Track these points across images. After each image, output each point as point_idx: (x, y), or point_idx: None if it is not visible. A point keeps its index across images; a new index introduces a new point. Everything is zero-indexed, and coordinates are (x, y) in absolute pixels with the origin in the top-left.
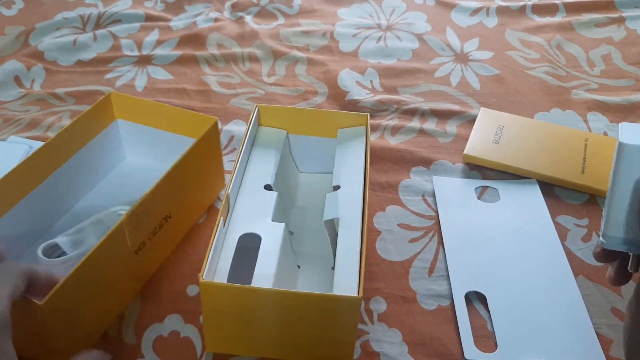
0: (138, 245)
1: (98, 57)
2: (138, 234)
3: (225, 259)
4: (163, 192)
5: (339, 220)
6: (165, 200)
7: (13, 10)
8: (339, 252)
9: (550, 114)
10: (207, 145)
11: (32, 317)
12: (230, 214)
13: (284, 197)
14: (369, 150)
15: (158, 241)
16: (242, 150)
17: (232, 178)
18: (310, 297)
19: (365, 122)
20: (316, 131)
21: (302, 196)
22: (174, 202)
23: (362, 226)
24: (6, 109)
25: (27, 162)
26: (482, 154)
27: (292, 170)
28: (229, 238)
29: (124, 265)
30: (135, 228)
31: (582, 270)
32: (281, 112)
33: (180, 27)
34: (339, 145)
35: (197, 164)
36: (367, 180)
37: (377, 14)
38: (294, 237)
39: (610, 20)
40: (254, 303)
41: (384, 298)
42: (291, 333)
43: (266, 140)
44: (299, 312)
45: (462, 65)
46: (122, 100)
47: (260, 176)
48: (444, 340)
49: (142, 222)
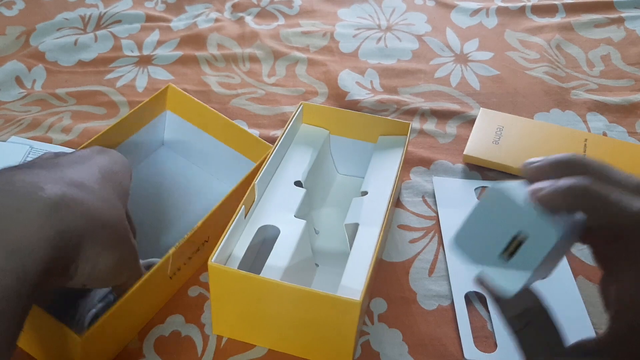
0: (174, 271)
1: (99, 57)
2: (178, 261)
3: (241, 246)
4: (211, 221)
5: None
6: (208, 228)
7: (13, 11)
8: (351, 254)
9: (549, 114)
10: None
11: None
12: (255, 205)
13: (316, 195)
14: (402, 160)
15: (192, 265)
16: (278, 144)
17: (261, 170)
18: (311, 294)
19: (406, 131)
20: (357, 134)
21: (336, 197)
22: (216, 227)
23: (380, 234)
24: (7, 109)
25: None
26: (482, 154)
27: (329, 171)
28: (249, 228)
29: (158, 290)
30: (177, 258)
31: (581, 271)
32: (324, 111)
33: (180, 27)
34: (376, 152)
35: (245, 189)
36: (395, 191)
37: (377, 14)
38: (319, 236)
39: (610, 21)
40: (257, 292)
41: (384, 298)
42: (292, 327)
43: (306, 138)
44: (300, 307)
45: (462, 66)
46: (176, 94)
47: (292, 172)
48: (444, 340)
49: (185, 251)
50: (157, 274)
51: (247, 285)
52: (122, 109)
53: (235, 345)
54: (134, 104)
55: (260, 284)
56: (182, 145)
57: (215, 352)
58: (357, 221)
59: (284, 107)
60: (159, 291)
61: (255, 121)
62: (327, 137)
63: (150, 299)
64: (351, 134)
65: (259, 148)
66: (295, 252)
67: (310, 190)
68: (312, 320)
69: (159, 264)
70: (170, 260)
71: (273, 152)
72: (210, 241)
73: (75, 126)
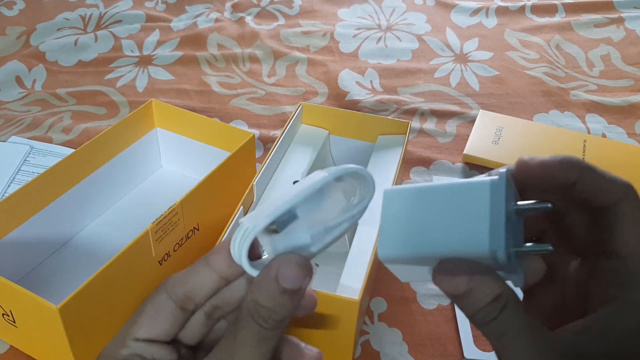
0: (162, 255)
1: (99, 57)
2: (163, 244)
3: None
4: (193, 204)
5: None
6: (195, 212)
7: (14, 11)
8: (351, 253)
9: (549, 115)
10: (242, 159)
11: (48, 321)
12: (254, 205)
13: None
14: (402, 159)
15: (183, 253)
16: (277, 145)
17: (260, 170)
18: None
19: (405, 130)
20: (357, 134)
21: None
22: (203, 214)
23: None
24: (7, 109)
25: (61, 164)
26: (481, 154)
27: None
28: None
29: (146, 275)
30: (161, 237)
31: None
32: (324, 111)
33: (180, 27)
34: (375, 152)
35: (230, 177)
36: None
37: (377, 14)
38: None
39: (610, 21)
40: None
41: (384, 298)
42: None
43: (305, 138)
44: None
45: (461, 66)
46: (162, 108)
47: (292, 172)
48: (444, 339)
49: (169, 233)
50: (138, 250)
51: None
52: (122, 109)
53: None
54: (134, 103)
55: None
56: (180, 162)
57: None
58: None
59: (284, 107)
60: (149, 276)
61: (255, 121)
62: (327, 137)
63: (138, 282)
64: (351, 133)
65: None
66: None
67: None
68: (312, 320)
69: (136, 238)
70: (150, 237)
71: (271, 154)
72: (201, 230)
73: (76, 126)
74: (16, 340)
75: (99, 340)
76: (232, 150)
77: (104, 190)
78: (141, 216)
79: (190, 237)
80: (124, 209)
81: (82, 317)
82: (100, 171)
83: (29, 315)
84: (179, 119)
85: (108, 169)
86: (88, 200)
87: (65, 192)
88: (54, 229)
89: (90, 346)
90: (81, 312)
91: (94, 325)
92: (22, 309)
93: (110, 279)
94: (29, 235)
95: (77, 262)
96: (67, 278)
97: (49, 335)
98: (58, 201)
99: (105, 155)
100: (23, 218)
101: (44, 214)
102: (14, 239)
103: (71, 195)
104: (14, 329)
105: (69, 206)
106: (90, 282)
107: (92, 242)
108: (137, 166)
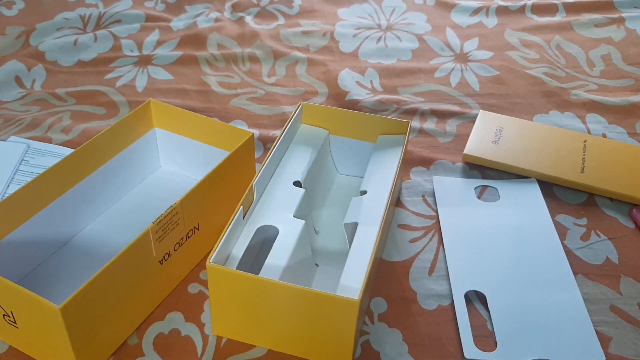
0: (163, 255)
1: (99, 57)
2: (164, 243)
3: (239, 246)
4: (193, 204)
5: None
6: (195, 212)
7: (13, 11)
8: (350, 253)
9: (549, 115)
10: (241, 159)
11: (49, 322)
12: (254, 205)
13: (316, 195)
14: (402, 159)
15: (183, 253)
16: (277, 145)
17: (260, 170)
18: (310, 294)
19: (405, 130)
20: (357, 134)
21: (336, 197)
22: (204, 214)
23: (378, 233)
24: (6, 109)
25: (60, 164)
26: (482, 154)
27: (329, 170)
28: (248, 228)
29: (147, 275)
30: (161, 237)
31: (581, 269)
32: (324, 111)
33: (180, 27)
34: (375, 151)
35: (229, 177)
36: (394, 190)
37: (377, 14)
38: (319, 236)
39: (610, 21)
40: (256, 292)
41: (384, 298)
42: (292, 327)
43: (305, 138)
44: (299, 307)
45: (461, 65)
46: (161, 108)
47: (291, 172)
48: (444, 339)
49: (170, 232)
50: (141, 253)
51: (246, 286)
52: (122, 109)
53: (234, 346)
54: (134, 103)
55: (259, 284)
56: (179, 162)
57: (215, 352)
58: (356, 220)
59: (284, 107)
60: (150, 276)
61: (255, 121)
62: (327, 137)
63: (139, 281)
64: (351, 133)
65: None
66: (294, 252)
67: (310, 190)
68: (312, 320)
69: (136, 237)
70: (151, 237)
71: (271, 154)
72: (201, 230)
73: (75, 126)
74: (17, 341)
75: (101, 340)
76: (231, 150)
77: (104, 190)
78: (140, 216)
79: (190, 237)
80: (123, 209)
81: (84, 317)
82: (99, 171)
83: (30, 315)
84: (177, 118)
85: (107, 169)
86: (88, 200)
87: (65, 192)
88: (54, 229)
89: (91, 346)
90: (83, 312)
91: (95, 325)
92: (23, 310)
93: (111, 279)
94: (29, 236)
95: (77, 262)
96: (68, 278)
97: (51, 335)
98: (58, 201)
99: (104, 156)
100: (23, 218)
101: (44, 214)
102: (14, 240)
103: (71, 195)
104: (14, 330)
105: (69, 206)
106: (91, 282)
107: (92, 242)
108: (136, 166)
